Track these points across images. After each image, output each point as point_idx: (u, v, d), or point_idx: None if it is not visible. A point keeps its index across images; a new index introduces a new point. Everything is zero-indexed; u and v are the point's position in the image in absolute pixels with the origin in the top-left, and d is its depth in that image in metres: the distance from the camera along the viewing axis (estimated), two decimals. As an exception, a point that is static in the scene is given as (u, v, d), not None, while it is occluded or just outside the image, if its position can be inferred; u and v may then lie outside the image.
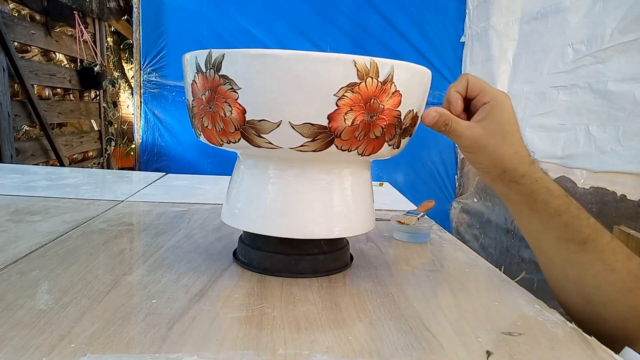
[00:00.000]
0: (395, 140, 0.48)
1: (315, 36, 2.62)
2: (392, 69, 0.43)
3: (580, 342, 0.41)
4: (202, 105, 0.47)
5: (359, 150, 0.46)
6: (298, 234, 0.49)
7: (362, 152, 0.46)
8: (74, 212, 0.75)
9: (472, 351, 0.38)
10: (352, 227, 0.51)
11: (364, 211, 0.52)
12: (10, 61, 2.70)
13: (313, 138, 0.44)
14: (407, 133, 0.50)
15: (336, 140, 0.44)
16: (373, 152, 0.47)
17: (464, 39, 2.59)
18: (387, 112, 0.45)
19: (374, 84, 0.43)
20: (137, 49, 2.61)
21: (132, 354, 0.34)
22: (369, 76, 0.42)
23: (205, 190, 1.02)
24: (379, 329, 0.41)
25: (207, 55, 0.44)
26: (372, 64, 0.42)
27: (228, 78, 0.43)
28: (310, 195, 0.49)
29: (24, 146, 2.94)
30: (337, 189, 0.50)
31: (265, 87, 0.42)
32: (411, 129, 0.50)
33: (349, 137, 0.44)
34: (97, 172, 1.47)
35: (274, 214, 0.49)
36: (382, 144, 0.47)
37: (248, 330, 0.39)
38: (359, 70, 0.41)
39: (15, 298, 0.42)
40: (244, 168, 0.52)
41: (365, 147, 0.46)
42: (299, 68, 0.42)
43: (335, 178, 0.49)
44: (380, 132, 0.45)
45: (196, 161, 2.64)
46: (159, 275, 0.50)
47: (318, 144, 0.44)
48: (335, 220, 0.50)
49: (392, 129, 0.46)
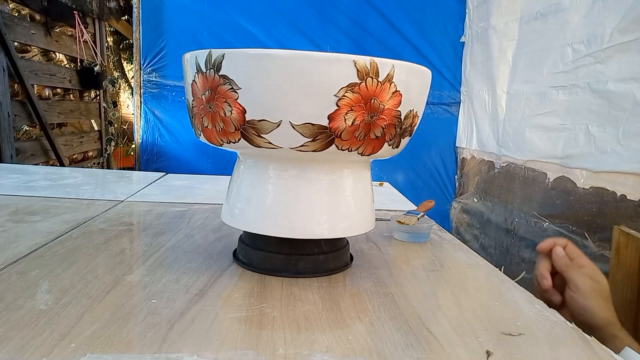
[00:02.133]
0: (395, 140, 0.48)
1: (315, 36, 2.62)
2: (392, 69, 0.43)
3: (580, 342, 0.41)
4: (202, 105, 0.47)
5: (359, 150, 0.46)
6: (298, 234, 0.49)
7: (362, 152, 0.46)
8: (74, 212, 0.75)
9: (472, 351, 0.38)
10: (352, 226, 0.51)
11: (364, 211, 0.52)
12: (10, 61, 2.70)
13: (313, 138, 0.44)
14: (407, 133, 0.50)
15: (336, 141, 0.44)
16: (373, 152, 0.47)
17: (464, 39, 2.59)
18: (388, 112, 0.45)
19: (374, 84, 0.42)
20: (137, 49, 2.61)
21: (132, 354, 0.34)
22: (369, 76, 0.42)
23: (205, 190, 1.02)
24: (379, 329, 0.41)
25: (207, 55, 0.44)
26: (372, 64, 0.42)
27: (228, 78, 0.43)
28: (311, 195, 0.48)
29: (24, 146, 2.94)
30: (337, 189, 0.50)
31: (265, 87, 0.42)
32: (411, 128, 0.50)
33: (350, 137, 0.44)
34: (97, 172, 1.47)
35: (274, 214, 0.49)
36: (382, 144, 0.47)
37: (248, 330, 0.39)
38: (359, 70, 0.41)
39: (15, 298, 0.42)
40: (244, 168, 0.52)
41: (366, 147, 0.46)
42: (300, 68, 0.42)
43: (335, 178, 0.49)
44: (380, 132, 0.45)
45: (196, 161, 2.64)
46: (159, 275, 0.50)
47: (318, 144, 0.44)
48: (336, 220, 0.50)
49: (392, 129, 0.46)
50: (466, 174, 2.64)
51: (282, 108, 0.43)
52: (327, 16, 2.62)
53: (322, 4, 2.60)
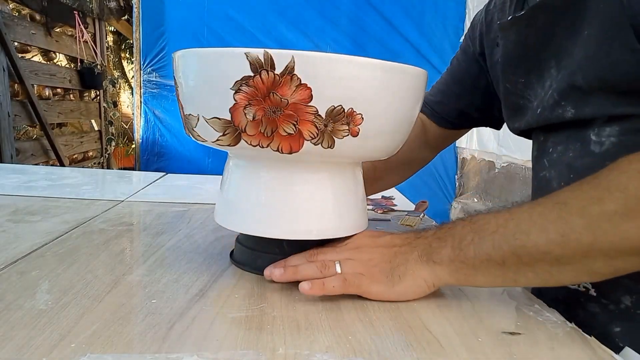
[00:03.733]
0: (323, 139, 0.44)
1: (316, 36, 2.62)
2: (291, 61, 0.41)
3: (580, 342, 0.41)
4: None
5: (273, 146, 0.44)
6: (288, 234, 0.49)
7: (279, 149, 0.44)
8: (74, 212, 0.75)
9: (472, 351, 0.38)
10: (341, 227, 0.50)
11: (355, 211, 0.52)
12: (10, 61, 2.70)
13: (223, 132, 0.44)
14: (344, 132, 0.44)
15: (243, 135, 0.44)
16: (294, 151, 0.44)
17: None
18: (295, 107, 0.42)
19: (270, 77, 0.41)
20: (137, 49, 2.61)
21: (132, 354, 0.34)
22: (263, 69, 0.41)
23: (205, 190, 1.02)
24: (379, 329, 0.41)
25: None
26: (265, 56, 0.41)
27: (175, 75, 0.49)
28: (298, 196, 0.48)
29: (24, 146, 2.94)
30: (327, 189, 0.49)
31: (186, 84, 0.47)
32: (349, 128, 0.44)
33: (255, 133, 0.43)
34: (97, 172, 1.47)
35: (263, 215, 0.48)
36: (302, 142, 0.44)
37: (248, 330, 0.39)
38: (252, 63, 0.41)
39: (15, 298, 0.42)
40: (232, 165, 0.53)
41: (280, 143, 0.44)
42: (204, 63, 0.44)
43: (322, 178, 0.49)
44: (293, 129, 0.43)
45: (197, 160, 2.65)
46: (159, 275, 0.50)
47: (229, 138, 0.44)
48: (328, 221, 0.49)
49: (309, 126, 0.43)
50: (466, 173, 2.64)
51: (196, 103, 0.46)
52: (327, 16, 2.62)
53: (322, 4, 2.60)
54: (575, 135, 0.50)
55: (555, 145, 0.53)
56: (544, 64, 0.53)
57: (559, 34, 0.50)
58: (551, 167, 0.54)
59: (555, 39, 0.50)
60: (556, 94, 0.50)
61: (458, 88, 0.75)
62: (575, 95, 0.48)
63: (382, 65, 0.44)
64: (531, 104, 0.56)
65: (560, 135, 0.52)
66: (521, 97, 0.57)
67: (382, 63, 0.44)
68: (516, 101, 0.59)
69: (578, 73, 0.47)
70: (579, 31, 0.47)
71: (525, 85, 0.56)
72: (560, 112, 0.50)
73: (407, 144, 0.54)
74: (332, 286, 0.45)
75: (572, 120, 0.49)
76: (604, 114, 0.46)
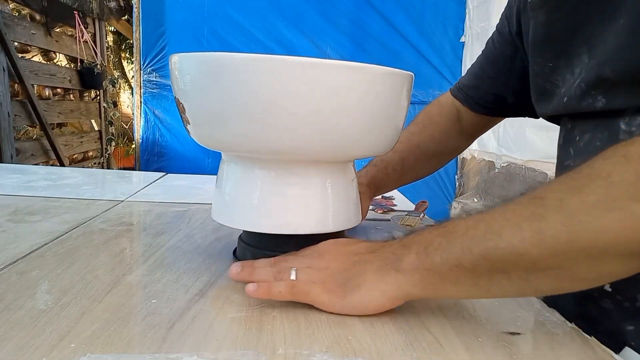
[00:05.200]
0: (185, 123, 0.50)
1: (316, 37, 2.62)
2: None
3: (580, 342, 0.41)
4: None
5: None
6: (284, 229, 0.49)
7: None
8: (74, 212, 0.75)
9: (472, 351, 0.38)
10: (338, 220, 0.51)
11: (349, 204, 0.52)
12: (10, 61, 2.70)
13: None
14: (185, 120, 0.49)
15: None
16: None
17: (464, 39, 2.59)
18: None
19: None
20: (137, 49, 2.61)
21: (132, 354, 0.34)
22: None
23: (206, 190, 1.02)
24: (379, 329, 0.41)
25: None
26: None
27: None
28: (288, 193, 0.49)
29: (24, 146, 2.95)
30: (321, 185, 0.50)
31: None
32: (182, 115, 0.49)
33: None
34: (97, 172, 1.47)
35: (260, 210, 0.49)
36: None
37: (248, 330, 0.39)
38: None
39: (15, 298, 0.42)
40: (226, 163, 0.53)
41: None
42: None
43: (316, 174, 0.49)
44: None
45: (197, 160, 2.64)
46: (159, 275, 0.50)
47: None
48: (323, 215, 0.50)
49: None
50: (466, 173, 2.64)
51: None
52: (327, 16, 2.62)
53: (322, 4, 2.60)
54: (604, 124, 0.47)
55: (583, 133, 0.50)
56: (575, 49, 0.50)
57: (593, 20, 0.47)
58: (576, 156, 0.51)
59: (588, 25, 0.47)
60: (584, 84, 0.47)
61: (493, 71, 0.71)
62: (604, 85, 0.45)
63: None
64: (558, 90, 0.53)
65: (588, 124, 0.50)
66: (548, 81, 0.55)
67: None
68: (543, 85, 0.56)
69: (607, 64, 0.44)
70: (615, 18, 0.44)
71: (552, 69, 0.54)
72: (591, 101, 0.47)
73: (440, 133, 0.52)
74: (278, 291, 0.43)
75: (602, 110, 0.46)
76: (637, 104, 0.44)
